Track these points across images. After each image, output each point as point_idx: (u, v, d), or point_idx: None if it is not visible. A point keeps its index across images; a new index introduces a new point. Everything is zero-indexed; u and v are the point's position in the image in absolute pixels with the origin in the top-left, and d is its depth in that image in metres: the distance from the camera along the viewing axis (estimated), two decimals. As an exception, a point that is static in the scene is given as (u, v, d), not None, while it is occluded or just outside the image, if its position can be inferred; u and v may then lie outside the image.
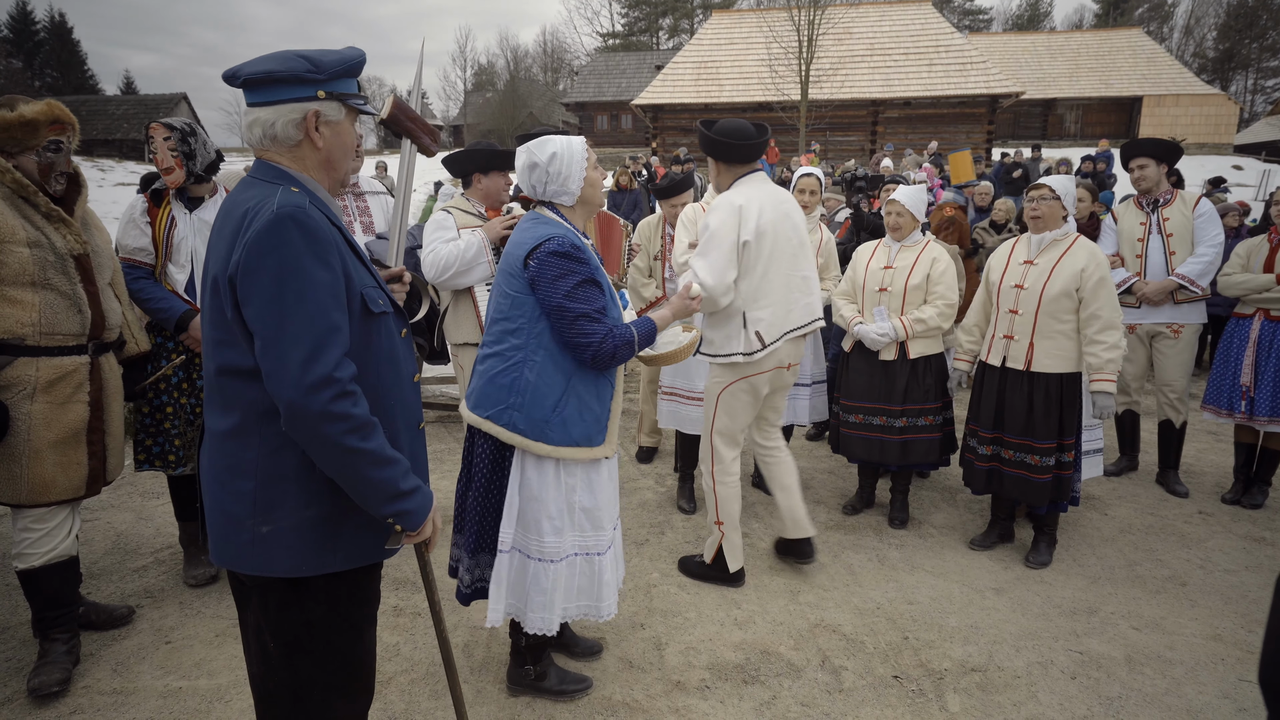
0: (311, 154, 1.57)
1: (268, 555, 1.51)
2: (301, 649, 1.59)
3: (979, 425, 3.67)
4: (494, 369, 2.29)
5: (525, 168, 2.35)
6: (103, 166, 25.20)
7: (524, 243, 2.26)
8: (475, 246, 3.25)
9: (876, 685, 2.66)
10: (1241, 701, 2.59)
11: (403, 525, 1.58)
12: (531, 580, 2.33)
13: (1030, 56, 32.68)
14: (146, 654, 2.77)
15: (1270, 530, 4.00)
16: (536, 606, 2.33)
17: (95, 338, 2.61)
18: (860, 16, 27.95)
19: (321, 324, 1.42)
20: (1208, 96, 29.56)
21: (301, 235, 1.42)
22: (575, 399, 2.28)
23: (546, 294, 2.20)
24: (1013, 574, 3.49)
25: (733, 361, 3.12)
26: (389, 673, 2.67)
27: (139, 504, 4.18)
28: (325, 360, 1.41)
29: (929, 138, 22.47)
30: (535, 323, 2.25)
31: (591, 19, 72.48)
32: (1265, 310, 4.18)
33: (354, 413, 1.44)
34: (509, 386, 2.26)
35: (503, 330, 2.29)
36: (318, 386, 1.39)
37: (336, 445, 1.43)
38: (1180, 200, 4.40)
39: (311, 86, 1.52)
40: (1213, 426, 5.59)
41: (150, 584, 3.29)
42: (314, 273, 1.42)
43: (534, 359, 2.25)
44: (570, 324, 2.21)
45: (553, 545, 2.32)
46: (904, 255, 3.88)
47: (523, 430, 2.25)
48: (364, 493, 1.50)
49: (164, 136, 3.00)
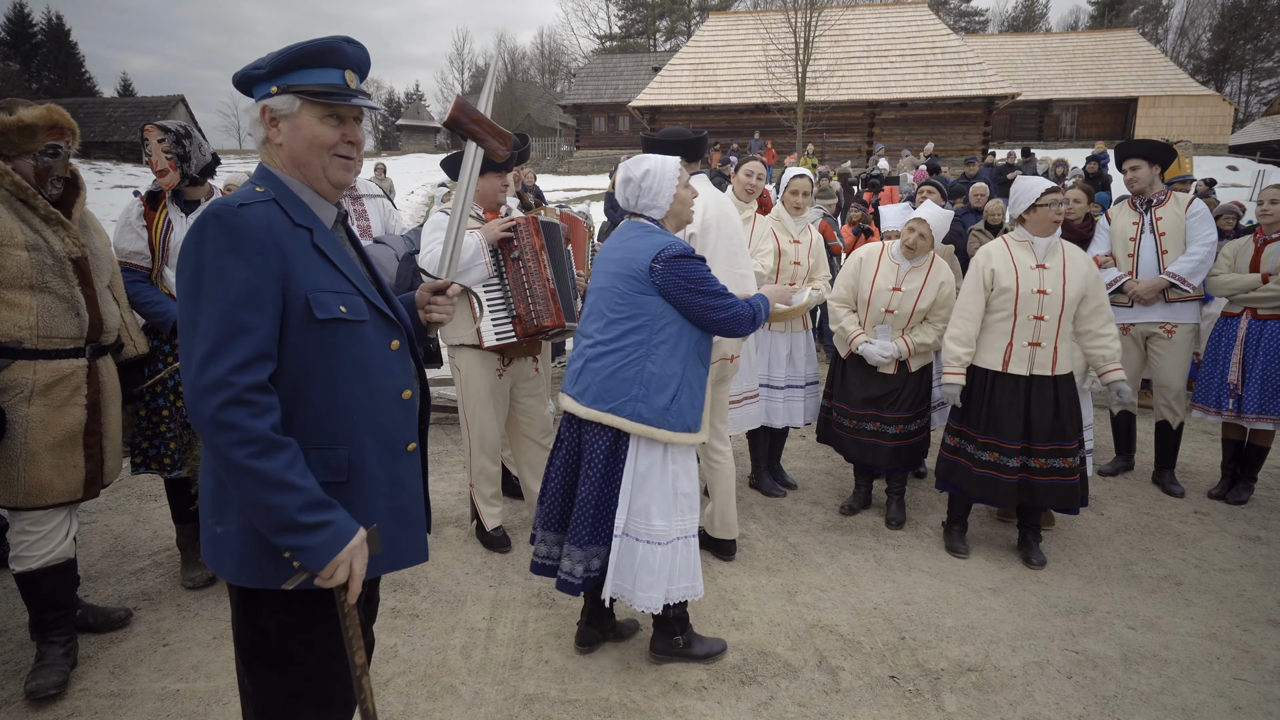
0: (276, 150, 1.53)
1: (220, 556, 1.49)
2: (259, 655, 1.54)
3: (999, 437, 3.49)
4: (615, 364, 2.48)
5: (621, 182, 2.61)
6: (100, 169, 25.18)
7: (643, 249, 2.49)
8: (473, 248, 3.25)
9: (873, 685, 2.67)
10: (1236, 700, 2.61)
11: (301, 563, 1.38)
12: (641, 562, 2.51)
13: (1026, 58, 32.78)
14: (144, 656, 2.77)
15: (1265, 529, 4.01)
16: (645, 586, 2.51)
17: (93, 340, 2.61)
18: (857, 18, 28.03)
19: (226, 323, 1.33)
20: (1203, 97, 29.67)
21: (222, 232, 1.37)
22: (687, 389, 2.53)
23: (680, 289, 2.44)
24: (1009, 574, 3.50)
25: None
26: (386, 674, 2.68)
27: (136, 506, 4.18)
28: (223, 361, 1.32)
29: (925, 139, 22.53)
30: (657, 319, 2.48)
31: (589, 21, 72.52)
32: (1252, 309, 4.20)
33: (246, 424, 1.31)
34: (633, 379, 2.46)
35: (624, 329, 2.49)
36: (209, 389, 1.31)
37: (224, 457, 1.32)
38: (1174, 200, 4.42)
39: (265, 83, 1.49)
40: (1208, 426, 5.61)
41: (148, 586, 3.29)
42: (230, 270, 1.35)
43: (656, 352, 2.48)
44: (710, 303, 2.46)
45: (661, 529, 2.51)
46: (913, 277, 3.82)
47: (647, 419, 2.46)
48: (255, 517, 1.37)
49: (158, 139, 3.00)
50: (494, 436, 3.57)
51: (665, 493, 2.52)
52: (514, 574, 3.43)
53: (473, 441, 3.55)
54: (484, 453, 3.57)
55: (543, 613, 3.11)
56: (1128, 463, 4.85)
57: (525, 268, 3.35)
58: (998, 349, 3.54)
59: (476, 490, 3.64)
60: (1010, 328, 3.50)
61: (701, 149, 3.34)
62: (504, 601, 3.20)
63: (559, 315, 3.36)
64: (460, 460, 4.90)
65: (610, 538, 2.53)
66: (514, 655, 2.81)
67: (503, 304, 3.36)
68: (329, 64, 1.50)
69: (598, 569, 2.59)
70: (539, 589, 3.29)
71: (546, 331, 3.39)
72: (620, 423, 2.45)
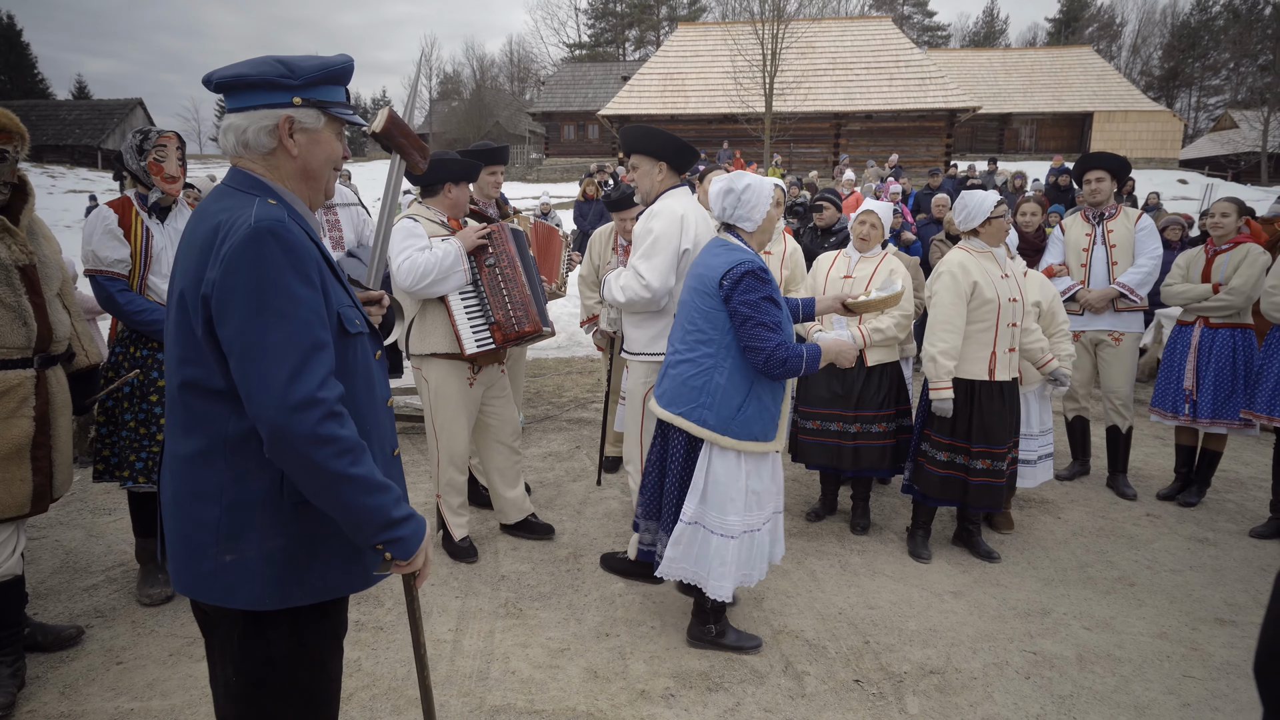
0: (287, 163, 1.50)
1: (230, 586, 1.43)
2: (264, 684, 1.51)
3: (992, 444, 3.55)
4: (686, 373, 2.73)
5: (721, 193, 2.78)
6: (53, 173, 24.49)
7: (718, 265, 2.68)
8: (453, 255, 3.25)
9: (838, 689, 2.70)
10: (1186, 698, 2.69)
11: (394, 554, 1.48)
12: (715, 553, 2.73)
13: (987, 72, 33.59)
14: (96, 675, 2.69)
15: (1213, 531, 4.15)
16: (717, 576, 2.73)
17: (42, 350, 2.54)
18: (822, 31, 28.48)
19: (305, 341, 1.35)
20: (1154, 113, 30.69)
21: (282, 251, 1.35)
22: (756, 401, 2.69)
23: (736, 304, 2.61)
24: (970, 577, 3.57)
25: (661, 360, 3.23)
26: (350, 688, 2.63)
27: (90, 521, 4.06)
28: (310, 379, 1.33)
29: (890, 150, 22.93)
30: (726, 334, 2.67)
31: (558, 29, 72.61)
32: (1204, 318, 4.36)
33: (342, 435, 1.36)
34: (700, 388, 2.69)
35: (696, 340, 2.72)
36: (303, 406, 1.31)
37: (325, 470, 1.34)
38: (1124, 214, 4.59)
39: (286, 92, 1.45)
40: (1160, 431, 5.79)
41: (101, 603, 3.20)
42: (296, 289, 1.36)
43: (724, 365, 2.67)
44: (751, 330, 2.60)
45: (735, 523, 2.72)
46: (863, 266, 3.95)
47: (712, 426, 2.67)
48: (355, 521, 1.41)
49: (177, 145, 3.05)
50: (463, 447, 3.55)
51: (738, 491, 2.72)
52: (481, 584, 3.40)
53: (440, 453, 3.52)
54: (452, 464, 3.54)
55: (510, 623, 3.09)
56: (1084, 467, 4.98)
57: (502, 274, 3.37)
58: (981, 359, 3.58)
59: (444, 501, 3.60)
60: (993, 337, 3.57)
61: (692, 159, 3.29)
62: (470, 613, 3.17)
63: (537, 321, 3.39)
64: (426, 470, 4.85)
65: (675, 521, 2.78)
66: (480, 667, 2.79)
67: (480, 311, 3.36)
68: (344, 81, 1.55)
69: None
70: (506, 599, 3.27)
71: (525, 337, 3.41)
72: (689, 426, 2.70)
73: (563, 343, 8.95)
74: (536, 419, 6.08)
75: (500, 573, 3.53)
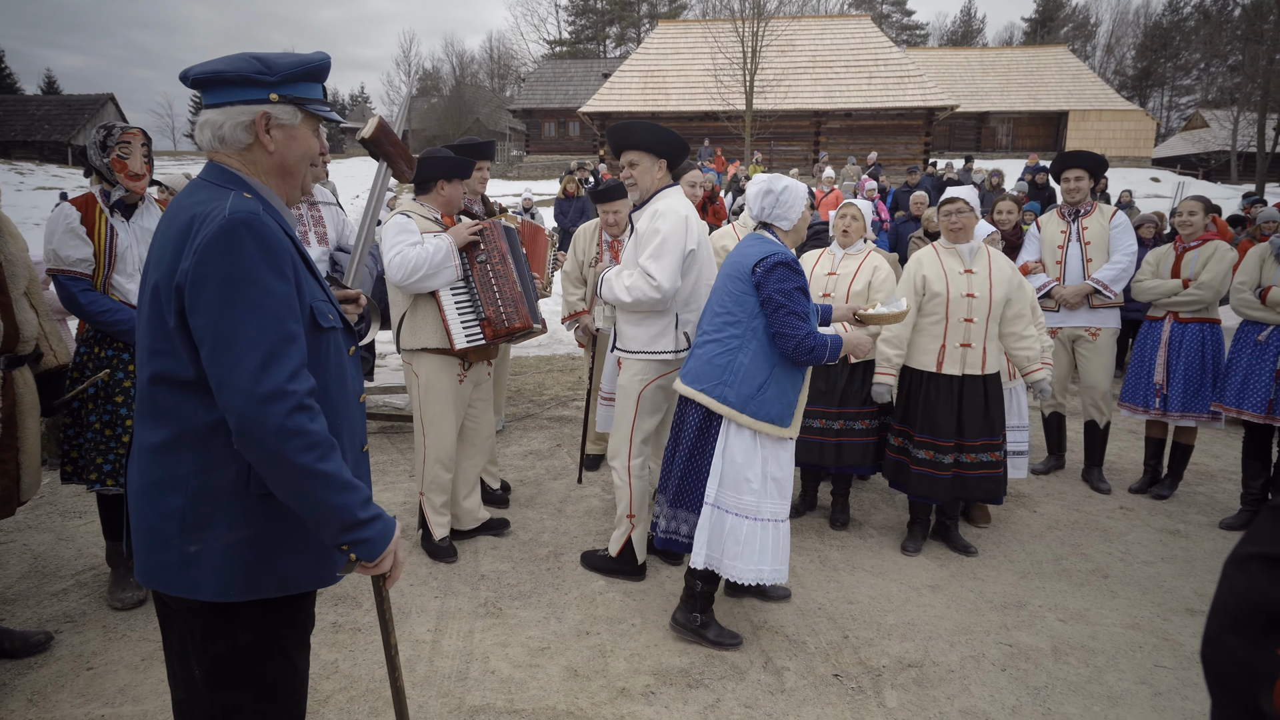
0: (264, 158, 1.51)
1: (195, 577, 1.43)
2: (227, 677, 1.50)
3: (934, 435, 3.64)
4: (712, 352, 2.82)
5: (760, 193, 2.91)
6: (21, 169, 24.00)
7: (751, 255, 2.80)
8: (444, 250, 3.25)
9: (817, 684, 2.72)
10: (1157, 686, 2.73)
11: (359, 555, 1.46)
12: (729, 533, 2.77)
13: (964, 71, 33.92)
14: (66, 681, 2.64)
15: (1184, 523, 4.22)
16: (732, 556, 2.77)
17: (8, 351, 2.49)
18: (802, 29, 28.60)
19: (276, 332, 1.35)
20: (1128, 112, 31.16)
21: (255, 242, 1.36)
22: (776, 384, 2.77)
23: (769, 292, 2.71)
24: (948, 571, 3.61)
25: (661, 359, 3.25)
26: (326, 691, 2.61)
27: (59, 524, 3.98)
28: (280, 370, 1.34)
29: (869, 148, 23.09)
30: (753, 318, 2.77)
31: (538, 26, 72.40)
32: (1174, 313, 4.44)
33: (312, 429, 1.36)
34: (725, 366, 2.78)
35: (724, 322, 2.82)
36: (272, 398, 1.32)
37: (292, 464, 1.34)
38: (1099, 211, 4.65)
39: (263, 89, 1.47)
40: (1133, 425, 5.88)
41: (70, 608, 3.14)
42: (268, 281, 1.37)
43: (749, 346, 2.78)
44: (783, 318, 2.70)
45: (751, 504, 2.77)
46: (847, 262, 4.00)
47: (731, 403, 2.75)
48: (319, 519, 1.40)
49: (142, 143, 3.01)
50: (451, 443, 3.54)
51: (757, 472, 2.77)
52: (460, 584, 3.38)
53: (429, 448, 3.50)
54: (439, 460, 3.52)
55: (489, 623, 3.07)
56: (1059, 461, 5.05)
57: (493, 270, 3.39)
58: (931, 351, 3.69)
59: (427, 499, 3.58)
60: (943, 330, 3.66)
61: (683, 155, 3.29)
62: (450, 613, 3.15)
63: (527, 318, 3.40)
64: (405, 470, 4.82)
65: (697, 505, 2.85)
66: (460, 667, 2.77)
67: (470, 307, 3.37)
68: (321, 79, 1.57)
69: (686, 535, 2.90)
70: (486, 599, 3.26)
71: (515, 333, 3.43)
72: (709, 402, 2.79)
73: (544, 340, 8.92)
74: (517, 417, 6.05)
75: (480, 572, 3.51)
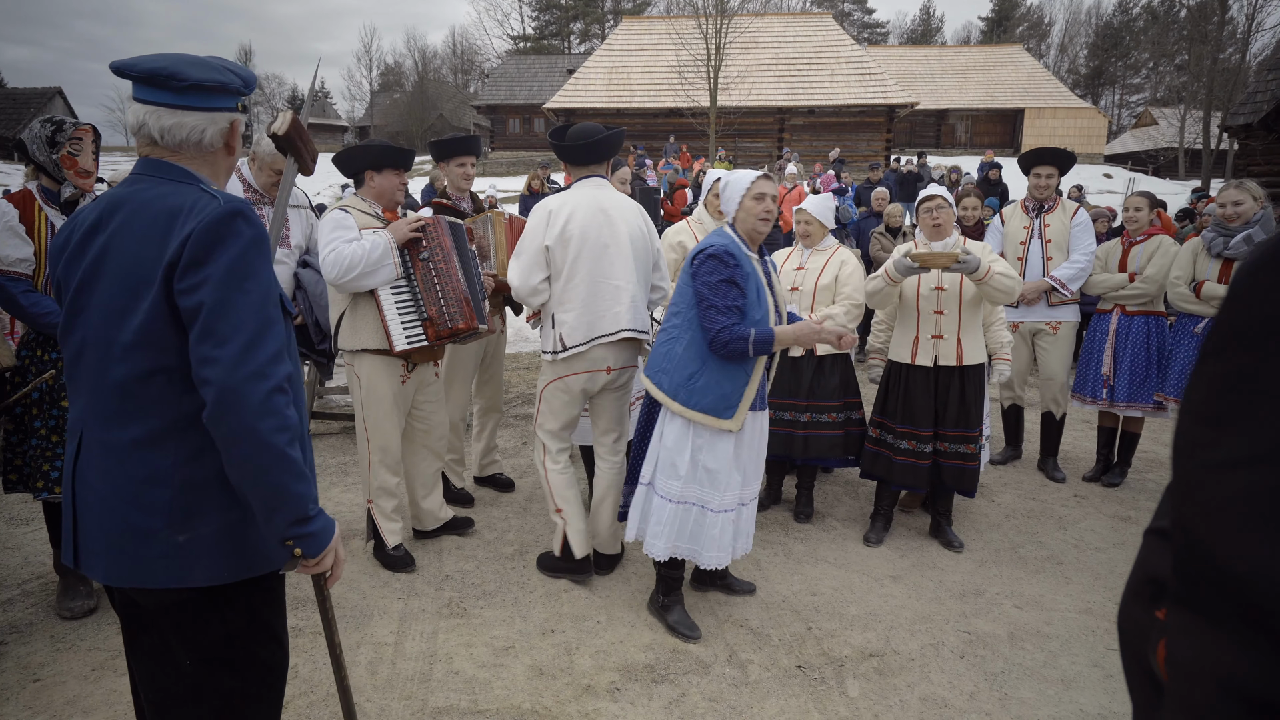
0: (225, 161, 1.60)
1: (184, 566, 1.44)
2: (223, 662, 1.52)
3: (914, 426, 3.71)
4: (659, 340, 2.94)
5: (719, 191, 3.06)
6: (-38, 165, 23.04)
7: (697, 246, 2.86)
8: (381, 247, 3.14)
9: (781, 676, 2.74)
10: (1109, 669, 2.82)
11: (304, 550, 1.48)
12: (653, 511, 2.91)
13: (924, 69, 34.44)
14: (11, 694, 2.55)
15: (1135, 510, 4.36)
16: (653, 535, 2.90)
17: (-56, 353, 2.39)
18: (765, 27, 28.76)
19: (263, 315, 1.41)
20: (1081, 110, 31.95)
21: (250, 231, 1.44)
22: (708, 375, 2.79)
23: (697, 285, 2.77)
24: (909, 561, 3.67)
25: (548, 359, 3.25)
26: (287, 696, 2.55)
27: (4, 532, 3.84)
28: (264, 351, 1.39)
29: (832, 144, 23.34)
30: (691, 309, 2.82)
31: (502, 21, 71.44)
32: (1121, 306, 4.56)
33: (287, 413, 1.40)
34: (665, 355, 2.88)
35: (672, 313, 2.91)
36: (257, 376, 1.36)
37: (266, 443, 1.36)
38: (1061, 208, 4.71)
39: (236, 98, 1.58)
40: (1087, 416, 6.04)
41: (16, 618, 3.03)
42: (259, 267, 1.44)
43: (684, 337, 2.83)
44: (702, 310, 2.75)
45: (675, 488, 2.86)
46: (815, 258, 4.04)
47: (665, 389, 2.84)
48: (275, 504, 1.41)
49: (92, 139, 2.94)
50: (395, 447, 3.43)
51: (684, 459, 2.84)
52: (424, 585, 3.35)
53: (373, 454, 3.39)
54: (385, 466, 3.42)
55: (453, 623, 3.05)
56: (1016, 452, 5.17)
57: (436, 269, 3.27)
58: (905, 343, 3.76)
59: (376, 506, 3.46)
60: (915, 322, 3.72)
61: (603, 150, 3.26)
62: (413, 614, 3.11)
63: (472, 318, 3.30)
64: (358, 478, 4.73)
65: (637, 481, 2.99)
66: (423, 669, 2.74)
67: (412, 306, 3.26)
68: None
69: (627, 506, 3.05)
70: (449, 599, 3.23)
71: (460, 334, 3.31)
72: (650, 387, 2.90)
73: (510, 338, 8.86)
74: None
75: (444, 572, 3.47)
